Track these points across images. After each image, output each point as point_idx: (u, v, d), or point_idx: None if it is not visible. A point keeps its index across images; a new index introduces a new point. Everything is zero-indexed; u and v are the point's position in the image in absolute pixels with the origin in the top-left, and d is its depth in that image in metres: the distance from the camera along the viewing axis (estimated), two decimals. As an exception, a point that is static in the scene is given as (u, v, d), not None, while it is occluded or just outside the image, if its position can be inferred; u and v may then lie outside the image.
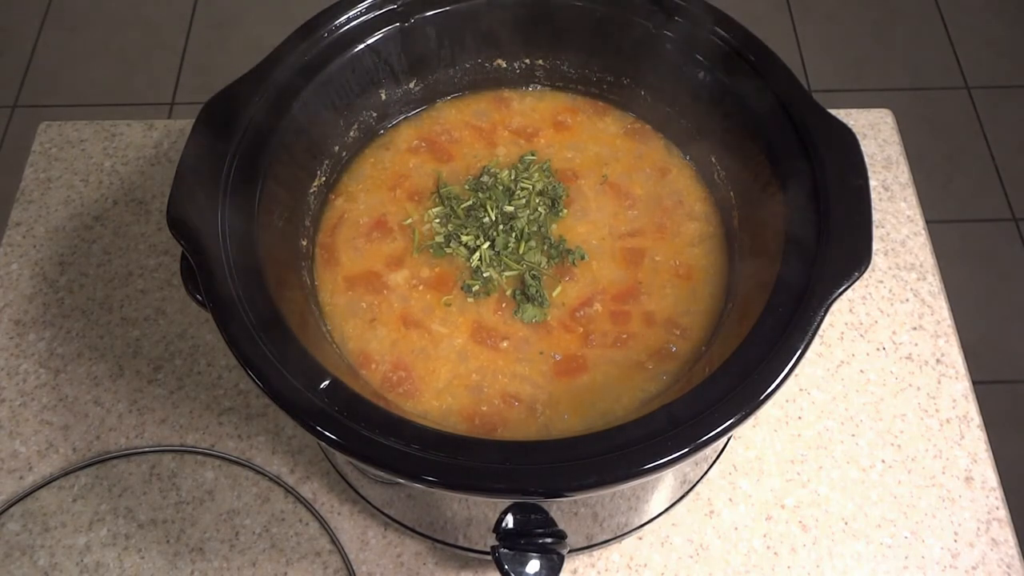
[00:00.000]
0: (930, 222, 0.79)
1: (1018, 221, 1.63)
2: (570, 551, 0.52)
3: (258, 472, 0.66)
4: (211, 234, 0.52)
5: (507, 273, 0.61)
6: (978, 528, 0.64)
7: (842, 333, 0.73)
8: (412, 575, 0.63)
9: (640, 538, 0.64)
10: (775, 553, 0.63)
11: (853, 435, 0.68)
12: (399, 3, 0.63)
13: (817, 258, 0.51)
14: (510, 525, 0.50)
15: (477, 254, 0.61)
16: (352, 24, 0.62)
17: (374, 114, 0.67)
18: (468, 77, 0.69)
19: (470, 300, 0.60)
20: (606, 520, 0.59)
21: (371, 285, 0.61)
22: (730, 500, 0.65)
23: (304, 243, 0.61)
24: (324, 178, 0.64)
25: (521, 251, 0.61)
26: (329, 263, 0.62)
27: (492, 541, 0.50)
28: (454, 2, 0.64)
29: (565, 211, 0.64)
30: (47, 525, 0.65)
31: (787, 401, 0.69)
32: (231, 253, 0.51)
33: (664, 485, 0.60)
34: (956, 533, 0.64)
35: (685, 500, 0.64)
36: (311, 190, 0.63)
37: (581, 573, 0.63)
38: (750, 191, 0.60)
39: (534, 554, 0.49)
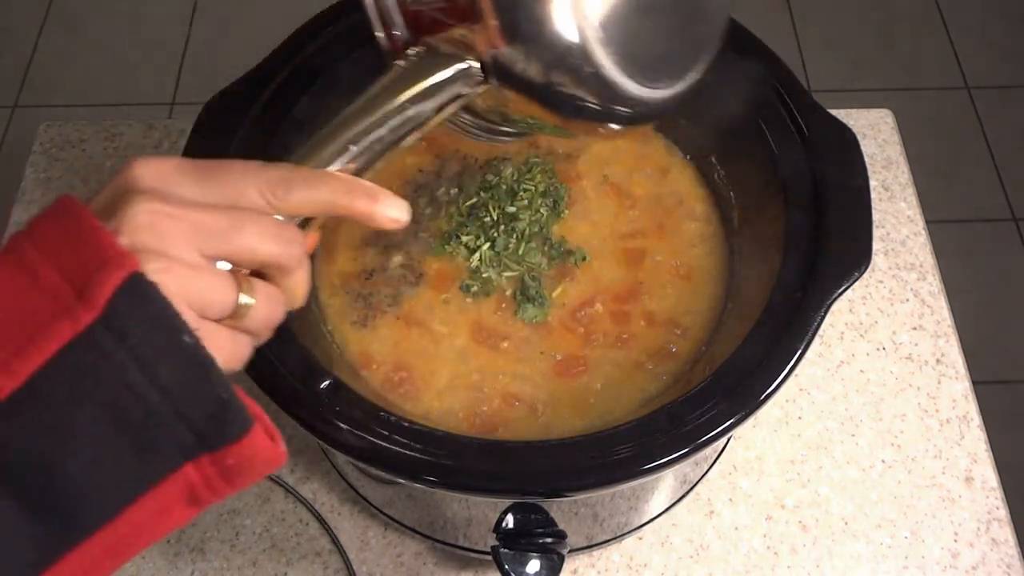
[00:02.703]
0: (930, 222, 0.79)
1: (1018, 221, 1.63)
2: (570, 551, 0.52)
3: (258, 472, 0.66)
4: (211, 234, 0.52)
5: (507, 274, 0.61)
6: (978, 528, 0.64)
7: (842, 333, 0.73)
8: (412, 575, 0.63)
9: (640, 538, 0.64)
10: (775, 553, 0.63)
11: (853, 435, 0.68)
12: (399, 3, 0.63)
13: (817, 258, 0.51)
14: (510, 525, 0.50)
15: (477, 255, 0.61)
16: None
17: (374, 114, 0.66)
18: (468, 77, 0.69)
19: (469, 300, 0.60)
20: (606, 520, 0.59)
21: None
22: (730, 500, 0.65)
23: (304, 243, 0.61)
24: (324, 178, 0.64)
25: (521, 252, 0.61)
26: (329, 262, 0.62)
27: (492, 541, 0.50)
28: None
29: (566, 212, 0.64)
30: (47, 525, 0.65)
31: (787, 401, 0.69)
32: (231, 253, 0.51)
33: (664, 485, 0.60)
34: (956, 533, 0.64)
35: (685, 500, 0.64)
36: (311, 190, 0.63)
37: (581, 573, 0.63)
38: (750, 191, 0.60)
39: (534, 554, 0.50)
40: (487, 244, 0.61)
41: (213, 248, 0.31)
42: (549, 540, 0.50)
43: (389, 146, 0.39)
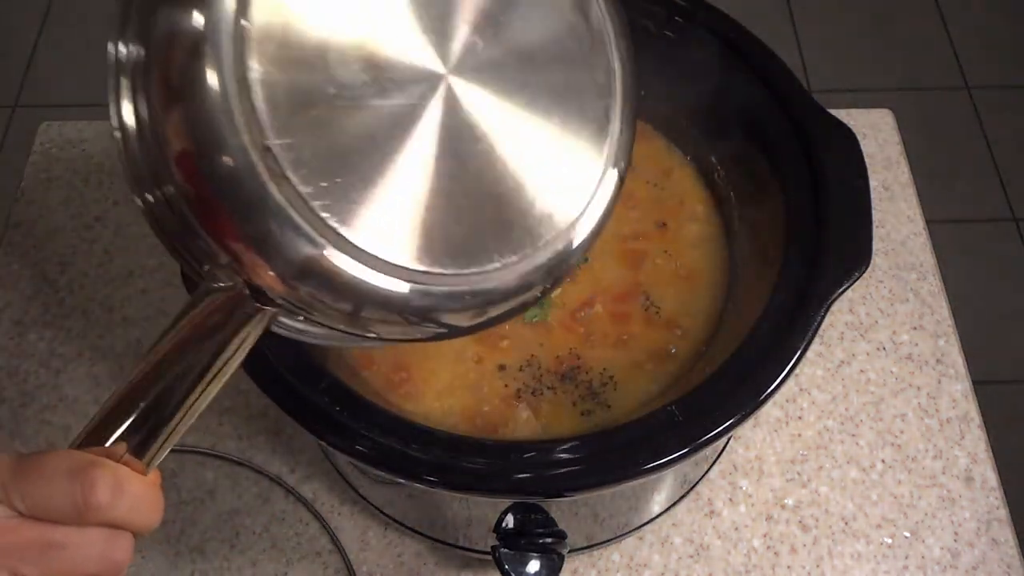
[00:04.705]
0: (930, 222, 0.79)
1: (1018, 221, 1.63)
2: (570, 551, 0.52)
3: (258, 472, 0.66)
4: (211, 234, 0.52)
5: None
6: (978, 528, 0.64)
7: (842, 333, 0.73)
8: (412, 575, 0.63)
9: (640, 538, 0.64)
10: (775, 553, 0.63)
11: (853, 435, 0.68)
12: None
13: (817, 258, 0.51)
14: (510, 525, 0.50)
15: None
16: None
17: (374, 114, 0.66)
18: (468, 77, 0.69)
19: (470, 300, 0.60)
20: (606, 520, 0.59)
21: (371, 285, 0.61)
22: (730, 500, 0.65)
23: (304, 243, 0.61)
24: (324, 178, 0.64)
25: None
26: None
27: (492, 541, 0.50)
28: (454, 2, 0.64)
29: (565, 211, 0.64)
30: (47, 525, 0.65)
31: (787, 401, 0.69)
32: (231, 253, 0.51)
33: (664, 485, 0.60)
34: (956, 533, 0.64)
35: (685, 500, 0.64)
36: (311, 190, 0.63)
37: (581, 573, 0.63)
38: (750, 192, 0.60)
39: (534, 554, 0.50)
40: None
41: (26, 572, 0.29)
42: (549, 540, 0.50)
43: (193, 404, 0.34)
